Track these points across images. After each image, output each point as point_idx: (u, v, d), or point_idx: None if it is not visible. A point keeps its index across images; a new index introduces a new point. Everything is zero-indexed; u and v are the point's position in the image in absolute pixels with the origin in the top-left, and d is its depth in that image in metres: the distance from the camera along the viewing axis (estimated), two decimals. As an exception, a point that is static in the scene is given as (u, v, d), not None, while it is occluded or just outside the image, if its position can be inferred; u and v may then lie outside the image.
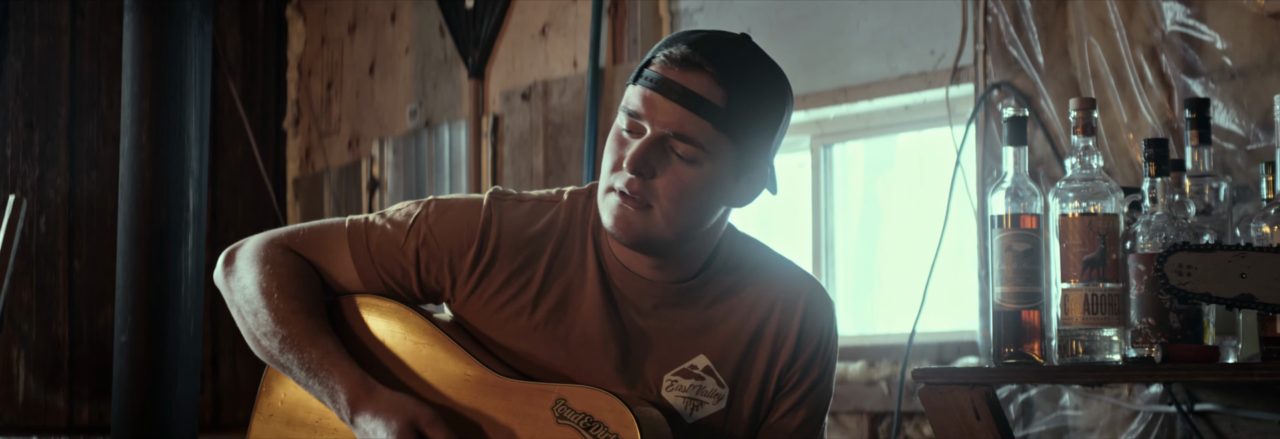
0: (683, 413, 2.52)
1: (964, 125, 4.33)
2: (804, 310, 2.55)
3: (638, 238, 2.43)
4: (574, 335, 2.52)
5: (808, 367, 2.55)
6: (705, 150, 2.38)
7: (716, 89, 2.37)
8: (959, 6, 4.42)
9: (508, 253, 2.52)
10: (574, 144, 5.48)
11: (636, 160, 2.38)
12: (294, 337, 2.49)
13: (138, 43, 4.55)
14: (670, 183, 2.39)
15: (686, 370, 2.53)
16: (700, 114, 2.37)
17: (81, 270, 6.31)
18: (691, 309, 2.53)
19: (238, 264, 2.58)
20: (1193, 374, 2.65)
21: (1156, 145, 2.89)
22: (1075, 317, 2.80)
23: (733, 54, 2.40)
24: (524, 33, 5.78)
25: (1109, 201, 2.82)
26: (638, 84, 2.42)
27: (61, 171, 6.30)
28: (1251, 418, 3.62)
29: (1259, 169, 3.59)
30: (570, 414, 2.44)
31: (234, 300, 2.56)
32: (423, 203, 2.58)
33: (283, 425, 2.60)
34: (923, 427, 4.42)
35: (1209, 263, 2.67)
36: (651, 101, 2.39)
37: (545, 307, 2.52)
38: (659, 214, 2.40)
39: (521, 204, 2.56)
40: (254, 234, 2.65)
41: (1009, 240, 2.82)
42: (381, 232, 2.55)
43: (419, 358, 2.54)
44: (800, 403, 2.56)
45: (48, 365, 6.19)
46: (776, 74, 2.44)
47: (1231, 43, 3.78)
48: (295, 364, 2.50)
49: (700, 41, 2.40)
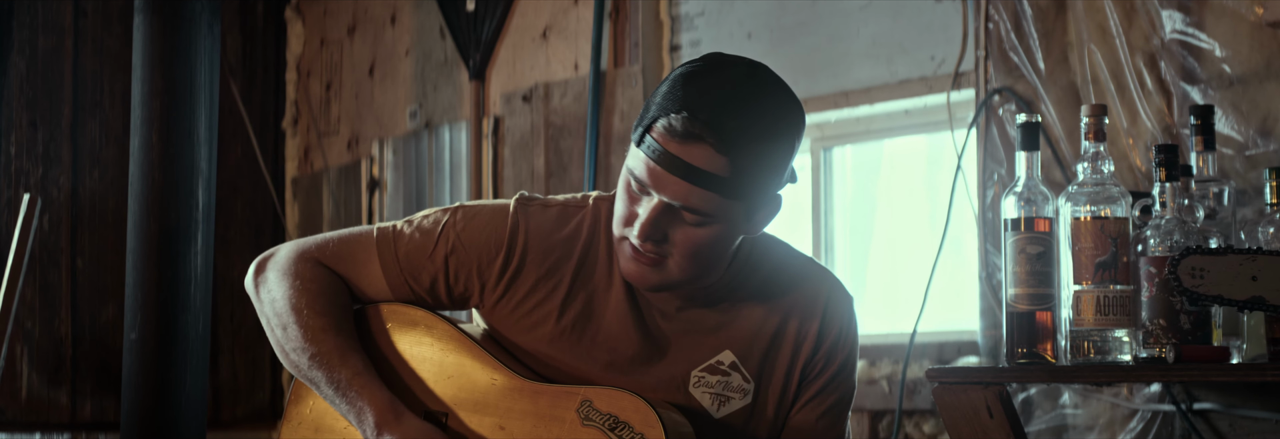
0: (710, 409, 2.54)
1: (964, 130, 4.34)
2: (825, 305, 2.58)
3: (654, 288, 2.48)
4: (600, 339, 2.54)
5: (829, 357, 2.58)
6: (712, 216, 2.40)
7: (718, 159, 2.35)
8: (959, 13, 4.43)
9: (535, 259, 2.54)
10: (575, 146, 5.48)
11: (647, 229, 2.40)
12: (323, 354, 2.52)
13: (148, 44, 4.55)
14: (682, 242, 2.42)
15: (713, 367, 2.55)
16: (704, 187, 2.36)
17: (84, 268, 6.30)
18: (715, 308, 2.56)
19: (268, 275, 2.60)
20: (1206, 374, 2.69)
21: (1167, 151, 2.92)
22: (1087, 318, 2.83)
23: (734, 113, 2.35)
24: (525, 35, 5.77)
25: (1120, 205, 2.85)
26: (640, 149, 2.39)
27: (65, 170, 6.30)
28: (1249, 417, 3.65)
29: (1257, 174, 3.63)
30: (596, 415, 2.46)
31: (263, 312, 2.59)
32: (450, 210, 2.58)
33: (311, 432, 2.62)
34: (922, 425, 4.44)
35: (1221, 266, 2.71)
36: (656, 174, 2.38)
37: (571, 312, 2.54)
38: (673, 267, 2.44)
39: (548, 210, 2.57)
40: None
41: (1022, 243, 2.84)
42: (409, 240, 2.57)
43: (446, 364, 2.56)
44: (822, 392, 2.59)
45: (50, 362, 6.19)
46: (780, 116, 2.39)
47: (1230, 51, 3.79)
48: (324, 381, 2.52)
49: (698, 107, 2.34)
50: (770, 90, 2.39)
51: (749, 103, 2.37)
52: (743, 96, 2.37)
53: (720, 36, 5.14)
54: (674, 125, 2.34)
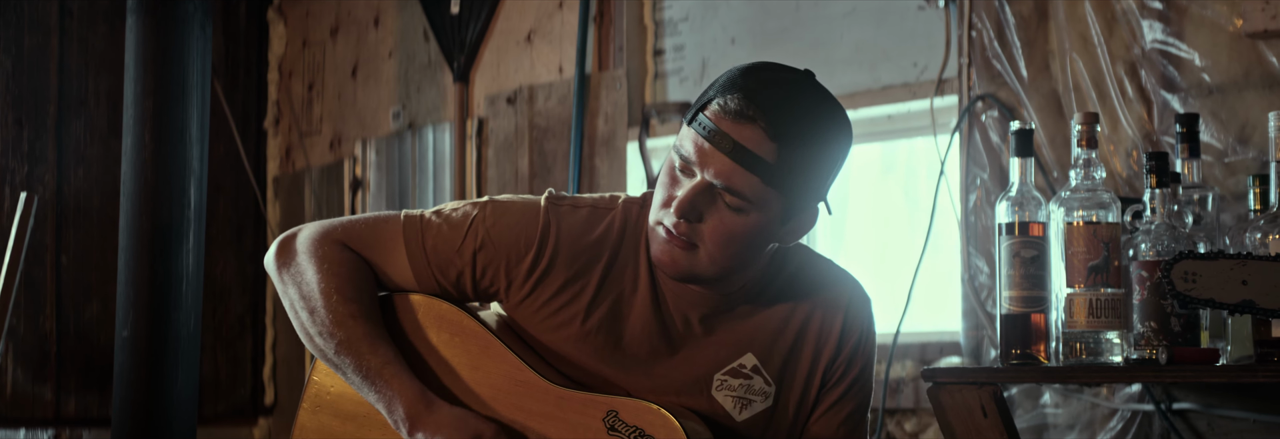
0: (732, 412, 2.55)
1: (947, 135, 4.36)
2: (846, 309, 2.59)
3: (682, 275, 2.46)
4: (625, 342, 2.54)
5: (850, 362, 2.60)
6: (751, 202, 2.40)
7: (767, 144, 2.36)
8: (941, 21, 4.45)
9: (565, 260, 2.53)
10: (559, 148, 5.48)
11: (684, 206, 2.40)
12: (352, 341, 2.50)
13: (141, 44, 4.53)
14: (716, 228, 2.41)
15: (735, 370, 2.56)
16: (749, 169, 2.37)
17: (68, 265, 6.30)
18: (738, 312, 2.57)
19: (294, 257, 2.56)
20: (1198, 375, 2.73)
21: (1158, 158, 2.96)
22: (1079, 320, 2.86)
23: (789, 104, 2.38)
24: (509, 39, 5.76)
25: (1111, 211, 2.88)
26: (691, 127, 2.41)
27: (50, 168, 6.28)
28: (1227, 416, 3.67)
29: (1236, 180, 3.66)
30: (621, 426, 2.46)
31: (288, 293, 2.55)
32: (479, 204, 2.56)
33: (330, 417, 2.61)
34: (904, 423, 4.47)
35: (1212, 270, 2.75)
36: (703, 150, 2.38)
37: (598, 314, 2.54)
38: (704, 255, 2.43)
39: (578, 210, 2.56)
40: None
41: (1017, 247, 2.89)
42: (438, 231, 2.55)
43: (471, 361, 2.55)
44: (844, 397, 2.61)
45: (35, 358, 6.18)
46: (833, 120, 2.42)
47: (1210, 60, 3.81)
48: (351, 368, 2.50)
49: (756, 90, 2.38)
50: (827, 100, 2.43)
51: (805, 102, 2.40)
52: (801, 95, 2.41)
53: (704, 41, 5.16)
54: (729, 104, 2.37)
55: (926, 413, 4.43)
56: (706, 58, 5.18)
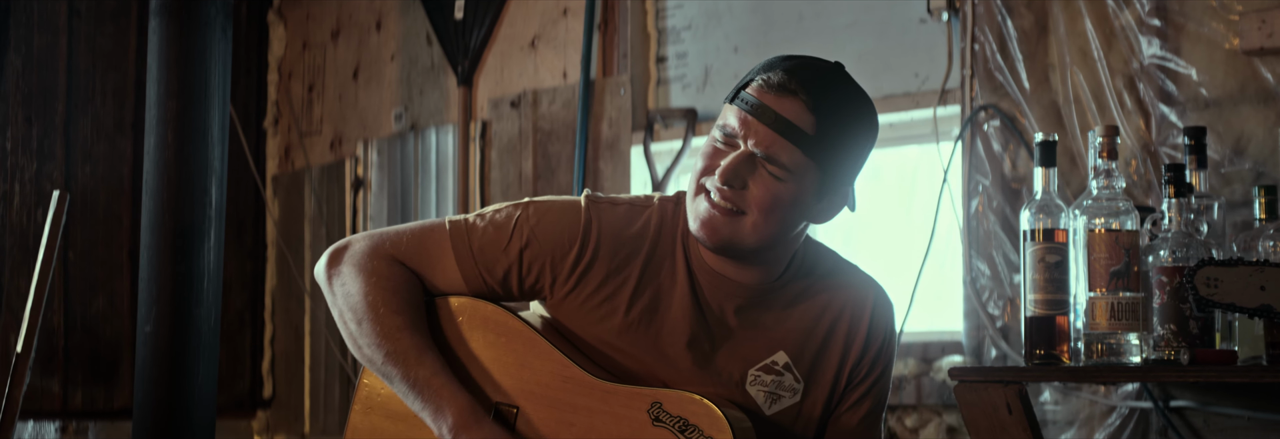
0: (763, 406, 2.62)
1: (950, 143, 4.42)
2: (872, 311, 2.68)
3: (722, 242, 2.51)
4: (664, 334, 2.59)
5: (874, 363, 2.68)
6: (791, 172, 2.47)
7: (807, 116, 2.44)
8: (943, 33, 4.51)
9: (606, 254, 2.58)
10: (563, 151, 5.50)
11: (729, 172, 2.46)
12: (400, 353, 2.55)
13: (164, 46, 4.55)
14: (758, 195, 2.47)
15: (768, 366, 2.63)
16: (790, 139, 2.44)
17: (76, 261, 6.31)
18: (771, 310, 2.63)
19: (343, 268, 2.62)
20: (1221, 375, 2.80)
21: (1175, 170, 3.03)
22: (1100, 322, 2.92)
23: (827, 83, 2.46)
24: (513, 44, 5.78)
25: (1131, 218, 2.95)
26: (734, 104, 2.49)
27: (58, 165, 6.30)
28: (1222, 414, 3.75)
29: (1231, 190, 3.76)
30: (666, 417, 2.51)
31: (337, 304, 2.62)
32: (521, 205, 2.62)
33: (381, 418, 2.66)
34: (904, 419, 4.53)
35: (1233, 276, 2.83)
36: (746, 122, 2.46)
37: (639, 307, 2.59)
38: (748, 222, 2.48)
39: (616, 207, 2.62)
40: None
41: (1042, 252, 2.95)
42: (483, 234, 2.60)
43: (516, 358, 2.59)
44: (866, 396, 2.69)
45: (43, 352, 6.18)
46: (866, 104, 2.51)
47: (1206, 75, 3.88)
48: (399, 378, 2.56)
49: (796, 68, 2.46)
50: (858, 87, 2.53)
51: (840, 84, 2.50)
52: (837, 78, 2.50)
53: (707, 50, 5.20)
54: (771, 79, 2.46)
55: (927, 409, 4.50)
56: (710, 65, 5.22)
